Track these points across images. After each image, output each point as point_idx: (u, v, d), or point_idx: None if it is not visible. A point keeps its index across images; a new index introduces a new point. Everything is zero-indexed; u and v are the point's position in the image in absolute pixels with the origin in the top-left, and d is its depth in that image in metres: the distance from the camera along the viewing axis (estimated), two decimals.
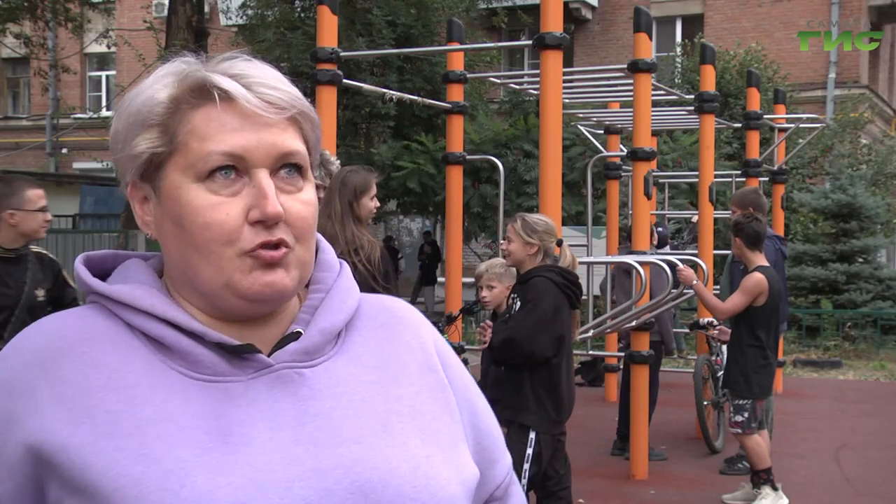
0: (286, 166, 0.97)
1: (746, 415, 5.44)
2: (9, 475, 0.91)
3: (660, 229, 6.99)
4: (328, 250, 1.09)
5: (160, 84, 0.97)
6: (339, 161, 4.74)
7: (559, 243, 4.28)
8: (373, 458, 0.95)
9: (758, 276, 5.44)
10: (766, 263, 5.61)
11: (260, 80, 0.96)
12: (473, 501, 1.06)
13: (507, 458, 1.16)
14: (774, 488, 5.49)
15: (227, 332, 0.98)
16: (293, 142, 0.97)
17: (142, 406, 0.92)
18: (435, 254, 17.82)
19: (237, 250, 0.94)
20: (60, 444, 0.89)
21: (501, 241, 4.39)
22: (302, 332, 1.00)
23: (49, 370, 0.93)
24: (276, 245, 0.94)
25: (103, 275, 1.03)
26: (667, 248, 8.56)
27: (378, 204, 4.14)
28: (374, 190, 4.03)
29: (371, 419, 0.98)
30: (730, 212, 6.58)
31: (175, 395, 0.93)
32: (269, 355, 0.98)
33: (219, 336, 0.96)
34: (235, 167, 0.94)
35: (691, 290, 5.99)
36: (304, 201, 0.97)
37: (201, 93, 0.95)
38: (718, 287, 7.02)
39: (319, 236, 1.06)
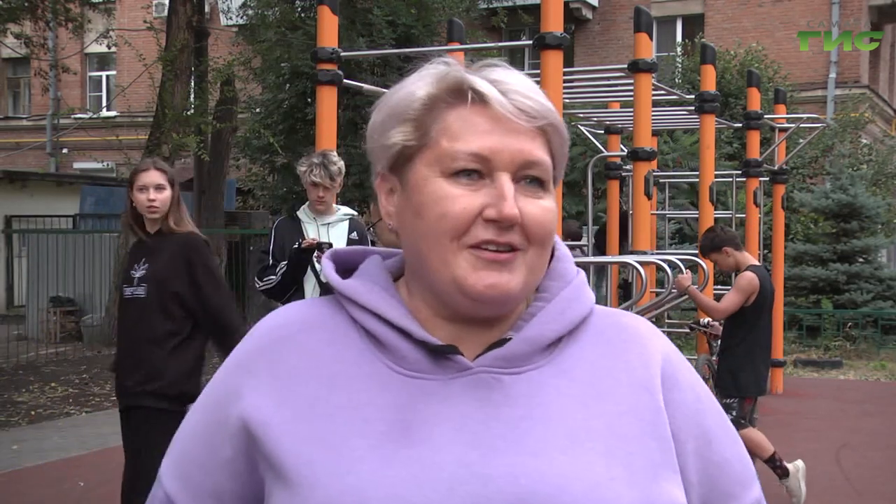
0: (528, 177, 0.98)
1: (734, 413, 5.49)
2: (230, 442, 1.01)
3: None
4: (565, 258, 1.07)
5: (421, 82, 1.00)
6: (342, 161, 4.73)
7: None
8: (546, 473, 0.93)
9: (750, 274, 5.55)
10: (756, 262, 5.72)
11: (515, 88, 0.98)
12: None
13: (750, 495, 1.07)
14: (786, 473, 5.45)
15: (448, 331, 1.00)
16: (538, 151, 0.98)
17: (337, 394, 0.98)
18: None
19: (463, 244, 0.95)
20: (264, 421, 0.98)
21: None
22: (510, 338, 1.00)
23: (271, 354, 1.02)
24: (506, 248, 0.95)
25: (352, 270, 1.09)
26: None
27: None
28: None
29: (560, 433, 0.96)
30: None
31: (372, 387, 0.98)
32: (476, 358, 0.99)
33: (423, 334, 0.98)
34: (479, 170, 0.96)
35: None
36: (542, 206, 0.98)
37: (458, 93, 0.98)
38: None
39: (559, 242, 1.06)
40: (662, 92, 7.69)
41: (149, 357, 3.71)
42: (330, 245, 4.44)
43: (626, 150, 7.63)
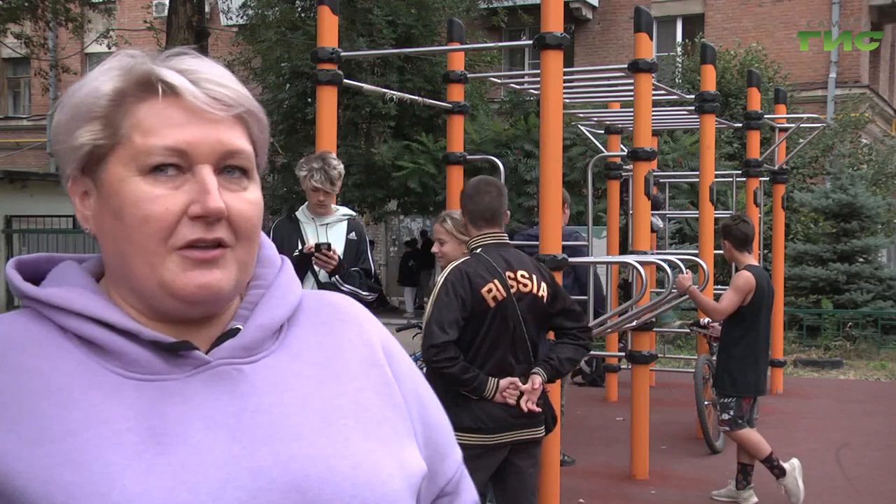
0: (230, 167, 0.95)
1: (732, 413, 5.50)
2: None
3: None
4: (268, 245, 1.07)
5: (105, 76, 0.95)
6: (341, 165, 4.72)
7: None
8: (312, 455, 0.93)
9: (747, 274, 5.56)
10: (755, 263, 5.75)
11: (207, 77, 0.94)
12: (424, 496, 1.06)
13: (457, 453, 1.15)
14: (783, 473, 5.47)
15: (166, 332, 0.95)
16: (239, 140, 0.95)
17: (72, 410, 0.89)
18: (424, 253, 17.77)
19: (171, 246, 0.92)
20: None
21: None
22: (240, 328, 0.99)
23: None
24: (214, 244, 0.93)
25: (39, 279, 1.00)
26: None
27: None
28: None
29: (312, 416, 0.96)
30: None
31: (108, 397, 0.91)
32: (207, 353, 0.96)
33: (154, 334, 0.94)
34: (179, 164, 0.92)
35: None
36: (248, 200, 0.95)
37: (147, 86, 0.93)
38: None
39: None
40: (662, 92, 7.68)
41: None
42: (329, 245, 4.43)
43: (626, 150, 7.62)
